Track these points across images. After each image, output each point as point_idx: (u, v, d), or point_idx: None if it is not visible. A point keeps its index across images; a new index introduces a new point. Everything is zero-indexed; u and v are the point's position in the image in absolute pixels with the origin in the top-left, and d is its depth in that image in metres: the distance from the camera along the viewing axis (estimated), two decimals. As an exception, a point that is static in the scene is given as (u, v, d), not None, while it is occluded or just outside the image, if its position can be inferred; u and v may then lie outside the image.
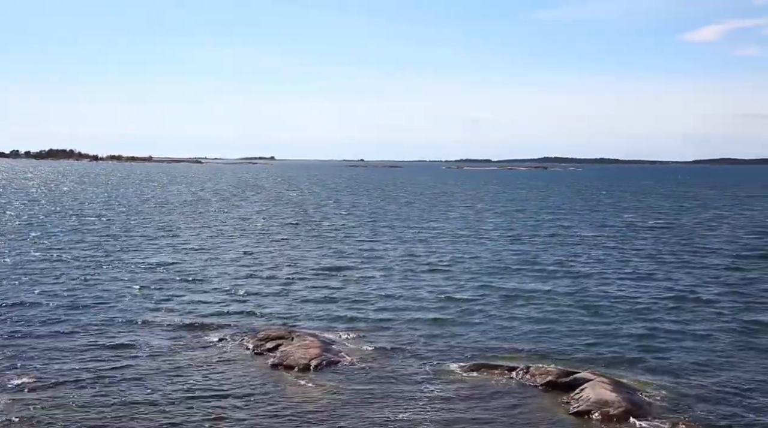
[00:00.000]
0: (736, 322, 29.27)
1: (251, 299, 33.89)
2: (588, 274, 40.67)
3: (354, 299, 33.89)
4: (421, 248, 51.56)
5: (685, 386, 21.88)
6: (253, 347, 25.74)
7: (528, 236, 59.99)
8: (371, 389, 21.70)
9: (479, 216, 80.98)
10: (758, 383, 22.14)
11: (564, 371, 22.70)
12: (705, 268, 42.68)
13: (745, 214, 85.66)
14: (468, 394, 21.25)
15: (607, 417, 19.22)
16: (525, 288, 36.55)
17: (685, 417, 19.38)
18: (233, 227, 65.44)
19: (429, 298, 34.07)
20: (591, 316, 30.60)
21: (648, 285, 37.53)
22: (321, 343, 25.57)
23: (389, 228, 65.19)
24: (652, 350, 25.68)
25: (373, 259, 45.92)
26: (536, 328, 28.70)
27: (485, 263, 44.57)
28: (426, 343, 26.51)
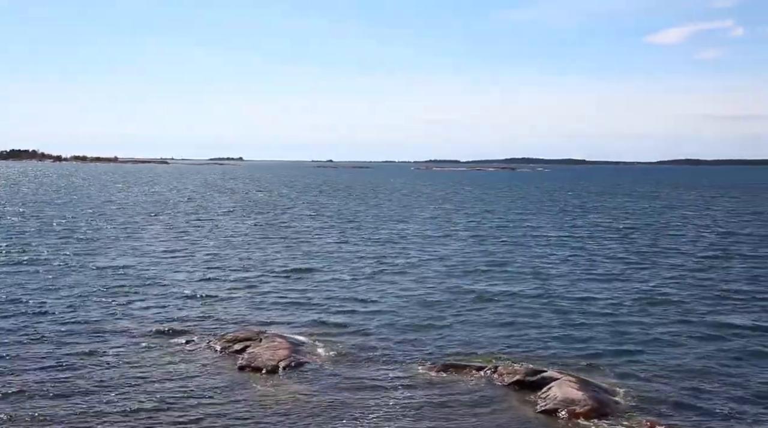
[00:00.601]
0: (703, 323, 29.56)
1: (219, 301, 33.60)
2: (556, 275, 40.99)
3: (323, 301, 33.77)
4: (390, 249, 51.59)
5: (652, 386, 22.12)
6: (221, 349, 25.51)
7: (497, 237, 60.33)
8: (340, 390, 21.63)
9: (448, 216, 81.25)
10: (724, 384, 22.42)
11: (531, 370, 22.85)
12: (672, 269, 43.16)
13: (709, 214, 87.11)
14: (436, 394, 21.28)
15: (574, 415, 19.38)
16: (493, 289, 36.73)
17: (651, 416, 19.59)
18: (200, 229, 64.85)
19: (398, 300, 34.07)
20: (559, 316, 30.82)
21: (615, 285, 37.90)
22: (290, 345, 25.43)
23: (358, 230, 65.14)
24: (619, 350, 25.93)
25: (342, 261, 45.83)
26: (505, 329, 28.84)
27: (454, 264, 44.73)
28: (395, 344, 26.50)
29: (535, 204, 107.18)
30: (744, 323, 29.45)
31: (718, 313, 31.24)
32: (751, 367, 23.95)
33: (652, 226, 70.50)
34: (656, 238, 59.66)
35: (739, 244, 55.37)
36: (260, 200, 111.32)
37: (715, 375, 23.07)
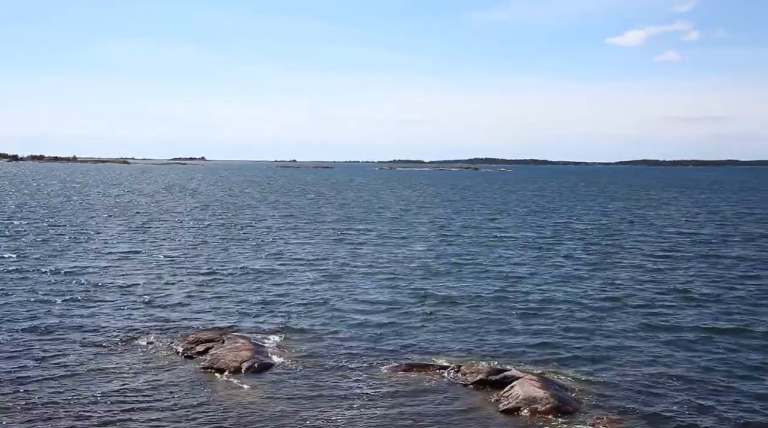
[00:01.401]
0: (661, 324, 30.06)
1: (181, 303, 33.29)
2: (518, 276, 41.34)
3: (287, 302, 33.65)
4: (354, 250, 51.58)
5: (612, 383, 22.47)
6: (183, 350, 25.29)
7: (461, 237, 60.69)
8: (303, 391, 21.60)
9: (413, 217, 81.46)
10: (680, 381, 22.87)
11: (494, 369, 23.07)
12: (630, 269, 43.75)
13: (668, 215, 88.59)
14: (400, 394, 21.37)
15: (536, 413, 19.62)
16: (457, 289, 36.96)
17: (611, 413, 19.91)
18: (162, 230, 64.12)
19: (362, 300, 34.12)
20: (521, 317, 31.14)
21: (576, 286, 38.37)
22: (253, 346, 25.31)
23: (323, 230, 65.00)
24: (579, 349, 26.29)
25: (306, 261, 45.70)
26: (468, 329, 29.04)
27: (418, 264, 44.89)
28: (358, 345, 26.53)
29: (499, 204, 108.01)
30: (700, 324, 30.03)
31: (676, 314, 31.80)
32: (706, 366, 24.46)
33: (611, 227, 71.51)
34: (615, 239, 60.54)
35: (698, 245, 56.46)
36: (224, 201, 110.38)
37: (672, 374, 23.49)
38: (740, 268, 43.68)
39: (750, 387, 22.13)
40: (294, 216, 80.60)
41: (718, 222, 75.82)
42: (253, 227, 67.02)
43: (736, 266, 44.51)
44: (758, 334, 27.92)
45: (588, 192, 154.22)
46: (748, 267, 44.31)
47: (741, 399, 21.17)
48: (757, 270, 43.18)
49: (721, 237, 61.04)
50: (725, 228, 69.68)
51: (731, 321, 30.00)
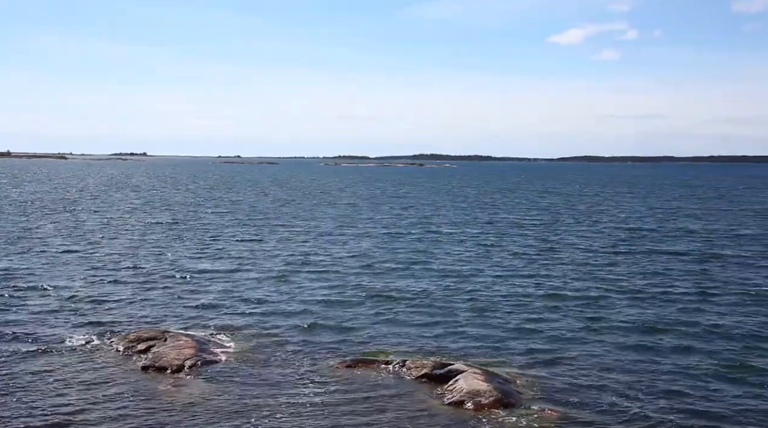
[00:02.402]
0: (603, 318, 30.63)
1: (122, 302, 32.61)
2: (463, 271, 41.73)
3: (232, 300, 33.26)
4: (300, 247, 51.33)
5: (555, 376, 22.85)
6: (123, 349, 24.79)
7: (407, 233, 60.90)
8: (248, 388, 21.40)
9: (359, 214, 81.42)
10: (620, 374, 23.39)
11: (439, 363, 23.22)
12: (576, 265, 44.40)
13: (608, 211, 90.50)
14: (345, 390, 21.35)
15: (480, 406, 19.81)
16: (403, 285, 37.11)
17: (553, 405, 20.25)
18: (103, 228, 62.68)
19: (307, 297, 33.95)
20: (466, 311, 31.42)
21: (521, 281, 38.86)
22: (196, 343, 24.95)
23: (268, 227, 64.49)
24: (523, 342, 26.66)
25: (252, 259, 45.26)
26: (414, 324, 29.18)
27: (364, 261, 44.88)
28: (303, 342, 26.40)
29: (444, 200, 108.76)
30: (642, 319, 30.71)
31: (618, 310, 32.40)
32: (647, 360, 25.06)
33: (554, 223, 72.71)
34: (559, 235, 61.59)
35: (639, 241, 57.84)
36: (167, 197, 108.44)
37: (612, 368, 24.00)
38: (680, 264, 44.77)
39: (689, 381, 22.74)
40: (238, 213, 79.73)
41: (658, 218, 77.78)
42: (197, 224, 66.03)
43: (676, 261, 45.61)
44: (698, 330, 28.60)
45: (531, 188, 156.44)
46: (688, 262, 45.45)
47: (681, 391, 21.75)
48: (695, 264, 44.35)
49: (662, 233, 62.61)
50: (665, 223, 71.51)
51: (672, 317, 30.66)
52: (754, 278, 39.65)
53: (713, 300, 33.78)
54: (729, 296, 34.75)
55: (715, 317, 30.51)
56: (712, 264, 44.37)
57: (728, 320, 30.01)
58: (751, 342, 26.69)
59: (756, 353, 25.40)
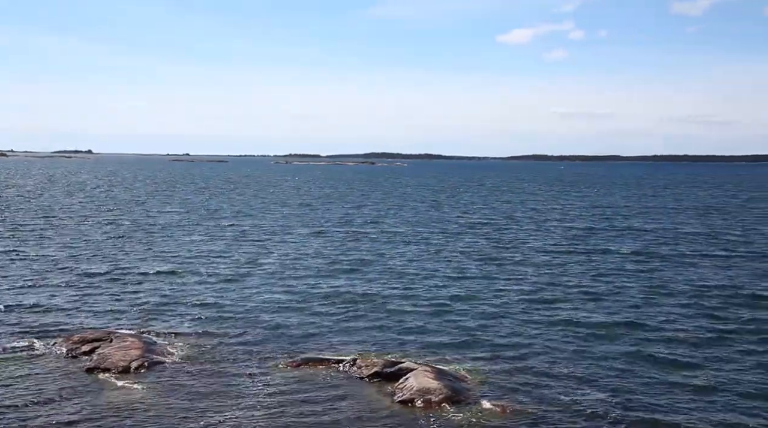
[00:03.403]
0: (555, 315, 31.05)
1: (66, 304, 31.88)
2: (414, 271, 41.88)
3: (180, 301, 32.78)
4: (249, 247, 50.87)
5: (504, 373, 23.07)
6: (67, 351, 24.20)
7: (358, 233, 60.90)
8: (197, 389, 21.12)
9: (311, 213, 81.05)
10: (572, 370, 23.75)
11: (389, 362, 23.25)
12: (526, 264, 44.90)
13: (560, 210, 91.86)
14: (295, 389, 21.23)
15: (430, 404, 19.90)
16: (354, 285, 37.10)
17: (502, 401, 20.45)
18: (45, 228, 61.13)
19: (258, 298, 33.64)
20: (418, 311, 31.54)
21: (472, 280, 39.13)
22: (143, 344, 24.51)
23: (218, 227, 63.73)
24: (472, 340, 26.87)
25: (201, 259, 44.69)
26: (365, 323, 29.17)
27: (316, 261, 44.72)
28: (253, 343, 26.16)
29: (398, 199, 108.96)
30: (591, 317, 31.30)
31: (567, 307, 32.93)
32: (595, 357, 25.50)
33: (506, 222, 73.48)
34: (511, 234, 62.28)
35: (588, 239, 58.83)
36: (115, 196, 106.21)
37: (561, 364, 24.36)
38: (628, 262, 45.59)
39: (635, 377, 23.20)
40: (187, 212, 78.62)
41: (606, 217, 79.21)
42: (144, 224, 64.88)
43: (624, 260, 46.47)
44: (644, 327, 29.15)
45: (482, 187, 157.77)
46: (635, 260, 46.27)
47: (626, 386, 22.18)
48: (642, 264, 45.17)
49: (610, 231, 63.80)
50: (613, 222, 72.87)
51: (619, 315, 31.16)
52: (695, 275, 40.68)
53: (657, 299, 34.54)
54: (671, 294, 35.59)
55: (659, 314, 31.22)
56: (658, 262, 45.34)
57: (671, 317, 30.76)
58: (695, 340, 27.37)
59: (702, 350, 26.04)
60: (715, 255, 48.23)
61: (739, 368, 23.69)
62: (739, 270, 42.01)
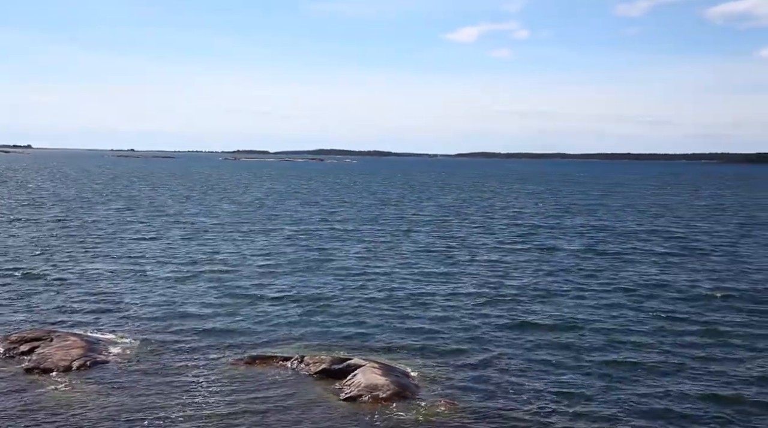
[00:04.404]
0: (500, 313, 31.28)
1: (5, 300, 30.96)
2: (363, 268, 41.83)
3: (125, 299, 32.16)
4: (198, 245, 50.23)
5: (451, 369, 23.23)
6: (4, 351, 23.53)
7: (309, 230, 60.66)
8: (142, 387, 20.78)
9: (261, 210, 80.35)
10: (517, 366, 24.02)
11: (337, 358, 23.22)
12: (476, 264, 45.03)
13: (507, 208, 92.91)
14: (241, 387, 21.05)
15: (377, 400, 19.95)
16: (302, 283, 36.94)
17: (449, 397, 20.60)
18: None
19: (205, 296, 33.15)
20: (366, 308, 31.53)
21: (421, 278, 39.19)
22: (85, 343, 23.98)
23: (166, 224, 62.69)
24: (422, 337, 26.98)
25: (147, 257, 43.87)
26: (314, 321, 29.02)
27: (265, 259, 44.37)
28: (200, 342, 25.81)
29: (348, 196, 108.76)
30: (536, 313, 31.74)
31: (514, 304, 33.23)
32: (538, 351, 25.87)
33: (455, 219, 73.99)
34: (459, 230, 62.73)
35: (535, 236, 59.67)
36: (54, 192, 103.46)
37: (506, 361, 24.58)
38: (575, 259, 46.26)
39: (577, 373, 23.60)
40: (134, 209, 77.15)
41: (552, 215, 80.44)
42: (88, 222, 63.43)
43: (571, 257, 47.23)
44: (590, 323, 29.69)
45: (432, 184, 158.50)
46: (581, 257, 46.98)
47: (569, 382, 22.57)
48: (589, 261, 45.90)
49: (557, 229, 64.81)
50: (560, 219, 74.07)
51: (567, 311, 31.52)
52: (636, 272, 41.63)
53: (601, 296, 35.23)
54: (615, 291, 36.34)
55: (603, 311, 31.87)
56: (603, 259, 46.19)
57: (615, 313, 31.41)
58: (637, 336, 28.00)
59: (642, 345, 26.64)
60: (659, 252, 49.30)
61: (679, 362, 24.28)
62: (680, 267, 43.12)
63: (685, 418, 19.29)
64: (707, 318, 30.13)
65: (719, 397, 20.71)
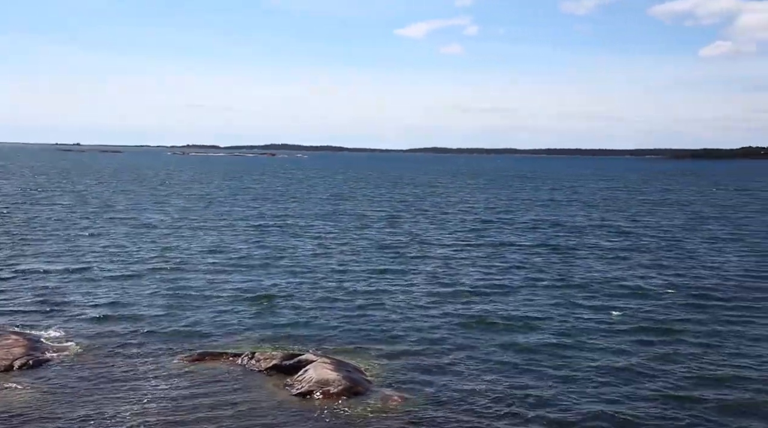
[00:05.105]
0: (451, 309, 31.32)
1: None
2: (314, 264, 41.70)
3: (70, 297, 31.44)
4: (145, 243, 49.37)
5: (403, 364, 23.24)
6: (-58, 352, 22.73)
7: (259, 226, 60.19)
8: (87, 386, 20.34)
9: (211, 206, 79.39)
10: (468, 361, 24.13)
11: (288, 354, 23.08)
12: (426, 257, 45.17)
13: (460, 203, 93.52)
14: (191, 384, 20.76)
15: (328, 395, 19.89)
16: (253, 279, 36.63)
17: (400, 392, 20.62)
18: None
19: (152, 295, 32.47)
20: (318, 303, 31.43)
21: (373, 273, 39.14)
22: (27, 342, 23.39)
23: (113, 221, 61.46)
24: (373, 333, 26.96)
25: (93, 255, 42.90)
26: (265, 317, 28.79)
27: (214, 256, 43.82)
28: (147, 340, 25.35)
29: (300, 192, 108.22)
30: (487, 309, 31.86)
31: (464, 300, 33.29)
32: (490, 347, 26.09)
33: (407, 214, 74.20)
34: (412, 226, 62.93)
35: (486, 232, 60.19)
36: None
37: (458, 355, 24.75)
38: (526, 254, 46.82)
39: (532, 368, 23.82)
40: (79, 205, 75.46)
41: (506, 209, 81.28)
42: (29, 218, 61.79)
43: (524, 252, 47.75)
44: (544, 319, 29.95)
45: (385, 179, 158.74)
46: (534, 253, 47.37)
47: (524, 379, 22.80)
48: (541, 256, 46.54)
49: (509, 224, 65.46)
50: (512, 214, 74.89)
51: (520, 307, 31.70)
52: (584, 267, 42.36)
53: (555, 291, 35.74)
54: (567, 286, 36.87)
55: (556, 306, 32.30)
56: (553, 254, 46.85)
57: (566, 309, 31.89)
58: (587, 331, 28.46)
59: (594, 341, 27.08)
60: (608, 247, 50.09)
61: (632, 360, 24.72)
62: (629, 263, 43.98)
63: (638, 418, 19.41)
64: (658, 314, 30.62)
65: (673, 397, 20.87)
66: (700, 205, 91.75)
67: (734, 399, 20.64)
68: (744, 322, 29.18)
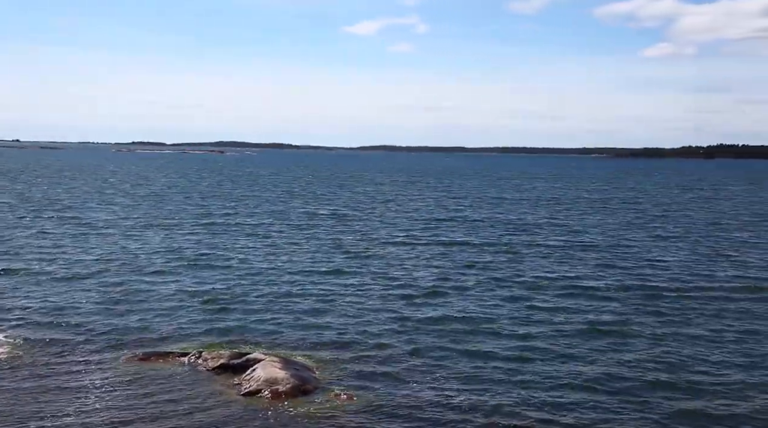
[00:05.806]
0: (404, 308, 31.32)
1: None
2: (265, 263, 41.35)
3: (7, 296, 30.59)
4: (88, 242, 48.35)
5: (353, 363, 23.17)
6: None
7: (207, 225, 59.50)
8: (26, 387, 19.86)
9: (157, 205, 78.14)
10: (422, 359, 24.13)
11: (236, 353, 22.87)
12: (376, 258, 44.83)
13: (410, 200, 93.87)
14: (136, 385, 20.40)
15: (277, 394, 19.76)
16: (199, 278, 36.19)
17: (350, 390, 20.58)
18: None
19: (94, 296, 31.64)
20: (266, 301, 31.19)
21: (321, 273, 39.01)
22: (-37, 345, 22.62)
23: (53, 220, 60.03)
24: (323, 331, 26.84)
25: (32, 255, 41.78)
26: (211, 316, 28.42)
27: (159, 256, 43.08)
28: (91, 339, 24.84)
29: (248, 190, 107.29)
30: (440, 307, 32.16)
31: (415, 298, 33.36)
32: (444, 345, 26.19)
33: (357, 212, 74.16)
34: (362, 225, 62.94)
35: (435, 230, 60.51)
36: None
37: (408, 354, 24.76)
38: (478, 253, 46.98)
39: (484, 367, 23.98)
40: (18, 203, 73.45)
41: (455, 208, 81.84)
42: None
43: (469, 251, 48.10)
44: (495, 319, 30.38)
45: (334, 177, 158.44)
46: (483, 253, 47.48)
47: (476, 375, 22.97)
48: (490, 256, 46.79)
49: (458, 222, 65.91)
50: (461, 212, 75.44)
51: (472, 307, 31.61)
52: (531, 267, 42.93)
53: (507, 291, 36.12)
54: (508, 286, 37.32)
55: (505, 304, 32.69)
56: (503, 252, 47.26)
57: (506, 307, 32.27)
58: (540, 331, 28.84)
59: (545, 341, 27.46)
60: (556, 245, 50.73)
61: (581, 361, 25.16)
62: (577, 261, 44.73)
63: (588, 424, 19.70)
64: (609, 314, 31.03)
65: (628, 401, 20.96)
66: (644, 202, 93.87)
67: (688, 403, 20.69)
68: (693, 323, 29.73)
